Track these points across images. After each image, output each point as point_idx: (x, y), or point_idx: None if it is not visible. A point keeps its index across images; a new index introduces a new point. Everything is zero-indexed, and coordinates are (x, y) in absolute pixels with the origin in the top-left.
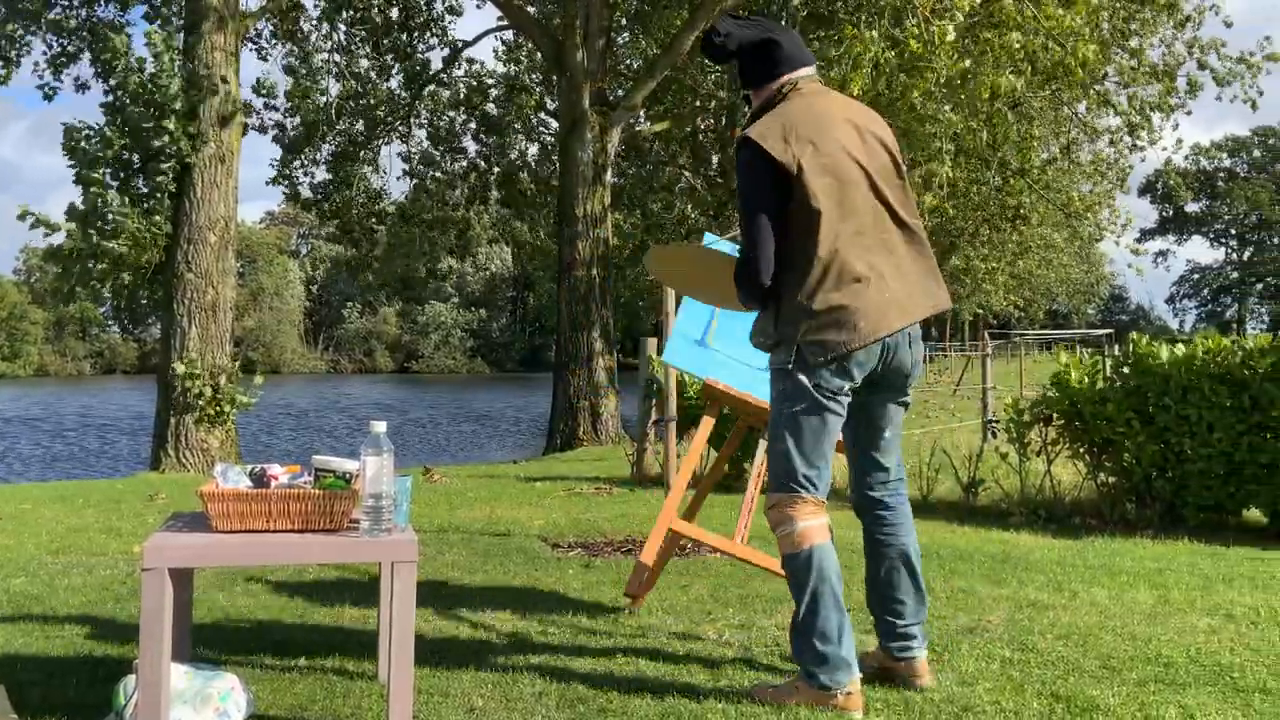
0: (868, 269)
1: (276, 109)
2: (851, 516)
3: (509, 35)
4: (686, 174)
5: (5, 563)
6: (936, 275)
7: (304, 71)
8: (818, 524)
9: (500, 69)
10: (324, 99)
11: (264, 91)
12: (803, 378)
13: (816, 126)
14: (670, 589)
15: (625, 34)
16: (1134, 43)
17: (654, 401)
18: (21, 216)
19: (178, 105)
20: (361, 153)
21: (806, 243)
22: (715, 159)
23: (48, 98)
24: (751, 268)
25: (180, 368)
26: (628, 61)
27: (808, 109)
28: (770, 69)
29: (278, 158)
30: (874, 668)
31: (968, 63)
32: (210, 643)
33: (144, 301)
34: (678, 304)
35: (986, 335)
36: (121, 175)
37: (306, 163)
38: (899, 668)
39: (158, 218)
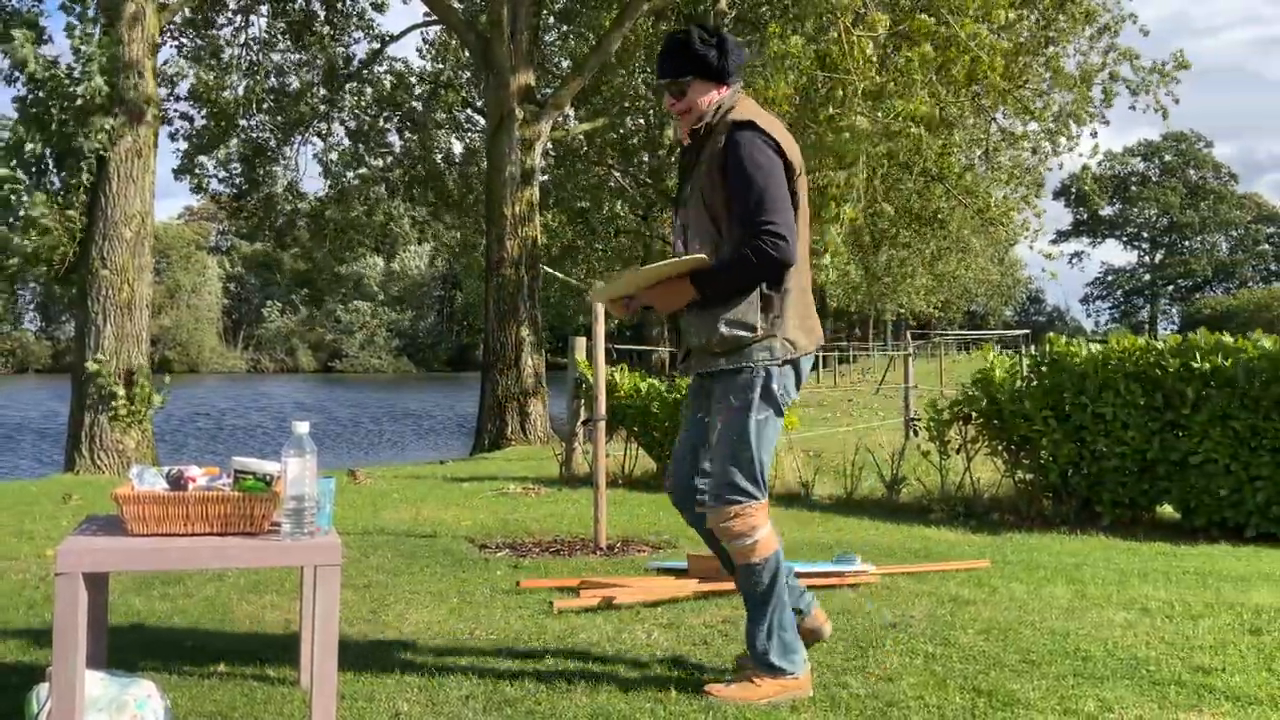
0: (810, 284)
1: (180, 98)
2: (773, 513)
3: (435, 31)
4: (616, 173)
5: None
6: None
7: (212, 64)
8: (772, 527)
9: (425, 65)
10: (232, 93)
11: (168, 81)
12: (775, 385)
13: (785, 137)
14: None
15: (554, 32)
16: (1051, 50)
17: (582, 401)
18: None
19: (95, 100)
20: (279, 149)
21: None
22: (645, 159)
23: None
24: (785, 241)
25: (93, 367)
26: (557, 60)
27: (772, 121)
28: (737, 72)
29: (182, 149)
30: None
31: (880, 78)
32: (126, 648)
33: (58, 296)
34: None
35: (908, 335)
36: (35, 170)
37: (220, 160)
38: None
39: (72, 213)
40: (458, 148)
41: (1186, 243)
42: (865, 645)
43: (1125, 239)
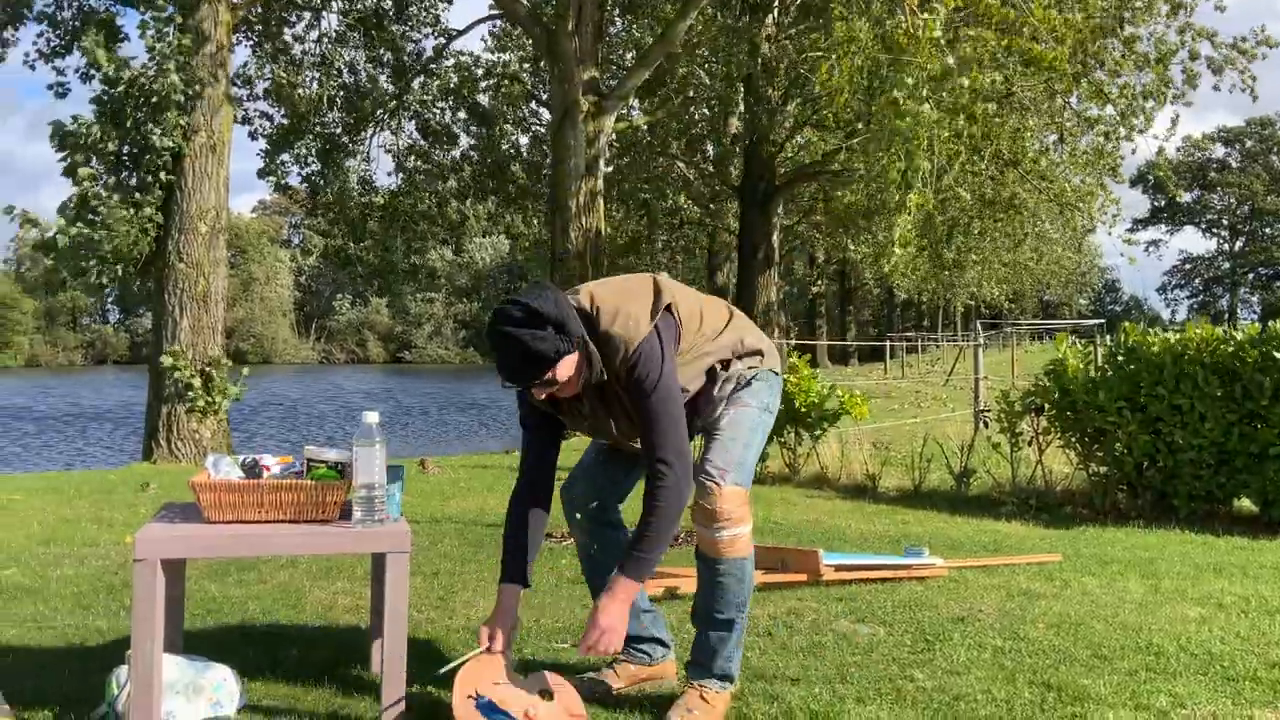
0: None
1: (259, 97)
2: (839, 505)
3: (500, 24)
4: (680, 164)
5: None
6: None
7: (287, 63)
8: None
9: (490, 59)
10: (307, 91)
11: (245, 83)
12: (777, 389)
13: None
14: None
15: (618, 23)
16: (1127, 31)
17: None
18: (7, 212)
19: (170, 97)
20: (350, 144)
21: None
22: (709, 149)
23: (60, 95)
24: (677, 472)
25: (170, 358)
26: (620, 51)
27: (629, 298)
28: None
29: (264, 149)
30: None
31: (950, 60)
32: (202, 633)
33: (135, 291)
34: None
35: (978, 326)
36: (112, 167)
37: (298, 157)
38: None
39: (149, 210)
40: (523, 140)
41: (1268, 230)
42: (932, 639)
43: (1204, 226)
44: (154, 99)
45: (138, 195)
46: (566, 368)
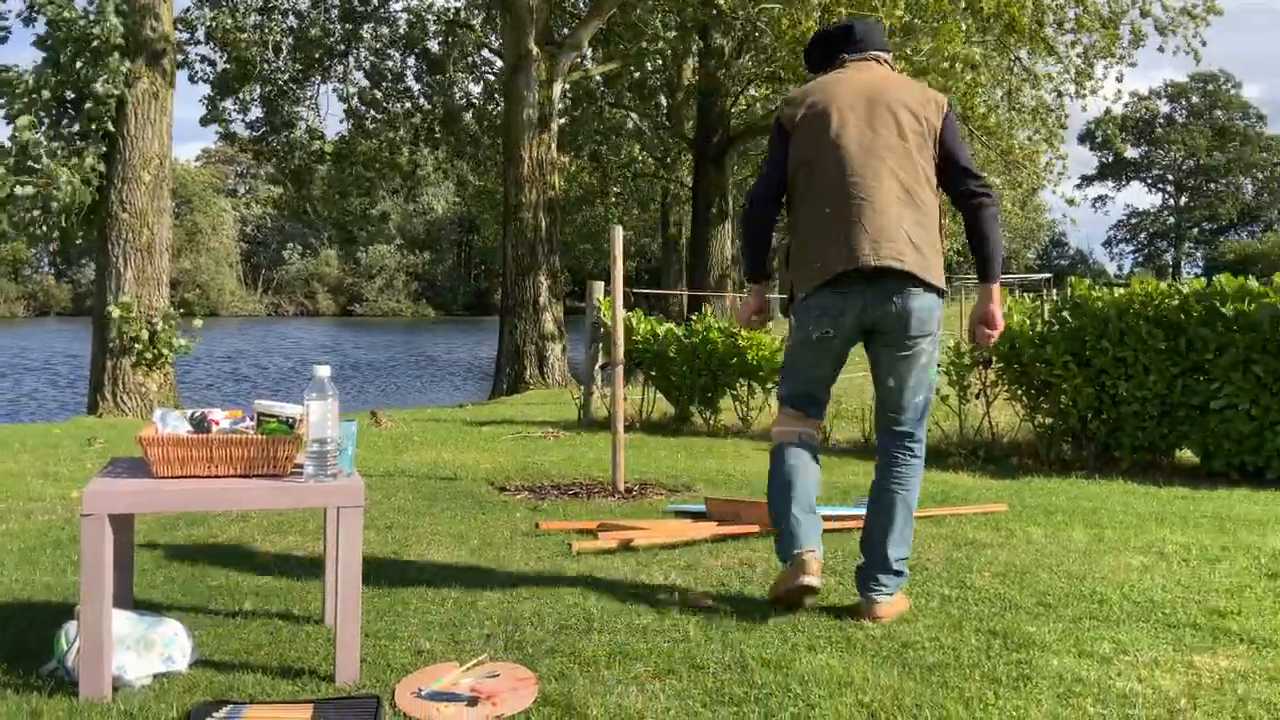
0: (825, 225)
1: (202, 42)
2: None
3: None
4: (634, 116)
5: None
6: (927, 244)
7: (227, 5)
8: (785, 429)
9: (441, 4)
10: (251, 35)
11: (188, 27)
12: (792, 315)
13: (825, 90)
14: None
15: None
16: None
17: (601, 345)
18: None
19: (111, 41)
20: (297, 92)
21: (793, 197)
22: (663, 101)
23: (1, 40)
24: (745, 204)
25: (115, 310)
26: (574, 0)
27: (835, 79)
28: (827, 55)
29: (207, 96)
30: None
31: (908, 17)
32: (152, 589)
33: (79, 242)
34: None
35: None
36: (53, 114)
37: (243, 103)
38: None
39: (90, 159)
40: (475, 90)
41: (1212, 185)
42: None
43: (1150, 182)
44: (95, 43)
45: (79, 143)
46: None
